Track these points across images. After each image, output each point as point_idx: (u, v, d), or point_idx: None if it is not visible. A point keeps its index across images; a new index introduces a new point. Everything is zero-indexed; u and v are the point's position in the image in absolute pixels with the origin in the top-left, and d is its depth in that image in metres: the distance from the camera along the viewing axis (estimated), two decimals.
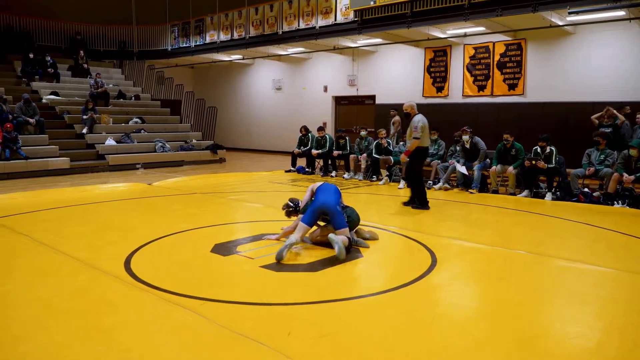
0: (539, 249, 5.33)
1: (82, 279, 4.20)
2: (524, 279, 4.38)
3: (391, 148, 10.82)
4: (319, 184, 5.47)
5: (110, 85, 16.61)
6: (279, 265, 4.57)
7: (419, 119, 7.68)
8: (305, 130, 12.90)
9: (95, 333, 3.15)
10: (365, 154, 11.25)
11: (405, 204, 7.88)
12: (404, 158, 7.85)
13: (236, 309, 3.57)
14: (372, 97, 16.61)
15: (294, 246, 4.87)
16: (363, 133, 11.69)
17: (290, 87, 19.16)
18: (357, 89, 16.92)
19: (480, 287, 4.21)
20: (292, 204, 5.60)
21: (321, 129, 12.48)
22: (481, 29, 12.84)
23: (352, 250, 5.01)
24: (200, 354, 2.91)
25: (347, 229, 5.04)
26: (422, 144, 7.70)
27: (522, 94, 13.13)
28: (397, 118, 13.09)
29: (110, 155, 13.21)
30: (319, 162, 12.64)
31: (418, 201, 7.71)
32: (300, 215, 5.27)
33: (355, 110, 17.43)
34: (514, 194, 9.07)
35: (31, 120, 12.57)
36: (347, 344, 3.04)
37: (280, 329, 3.21)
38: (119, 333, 3.16)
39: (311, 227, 5.09)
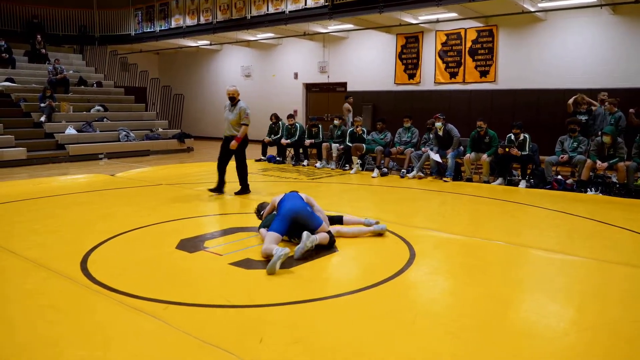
0: (517, 240, 5.19)
1: (31, 282, 3.82)
2: (506, 272, 4.22)
3: (365, 136, 10.59)
4: (282, 195, 5.02)
5: (71, 72, 15.82)
6: (248, 262, 4.29)
7: (247, 105, 7.53)
8: (275, 118, 12.57)
9: (41, 346, 2.81)
10: (337, 143, 11.01)
11: (213, 190, 7.52)
12: (234, 145, 7.30)
13: (203, 312, 3.28)
14: (344, 85, 16.35)
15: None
16: (336, 122, 11.43)
17: (259, 74, 18.71)
18: (328, 76, 16.63)
19: (461, 282, 4.01)
20: (262, 209, 5.31)
21: (291, 116, 12.17)
22: (453, 14, 12.70)
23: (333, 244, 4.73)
24: None
25: (325, 224, 4.77)
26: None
27: (494, 80, 13.09)
28: (345, 105, 13.63)
29: (70, 145, 12.57)
30: (290, 151, 12.34)
31: (243, 186, 7.61)
32: (264, 229, 4.85)
33: (326, 97, 17.15)
34: (488, 182, 8.98)
35: None
36: (322, 349, 2.79)
37: (250, 335, 2.94)
38: (68, 345, 2.82)
39: (283, 235, 4.57)
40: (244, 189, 7.61)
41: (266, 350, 2.77)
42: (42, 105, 13.16)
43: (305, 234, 4.42)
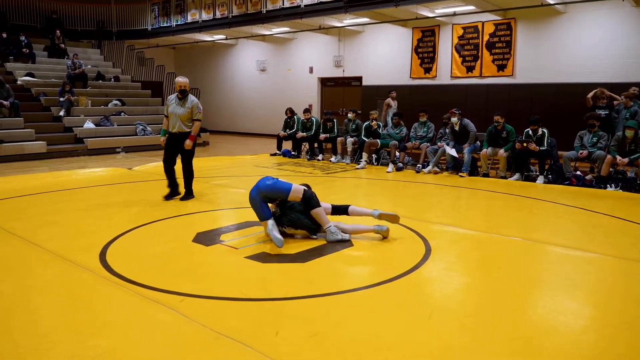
0: (535, 236, 5.14)
1: (52, 273, 3.90)
2: (523, 268, 4.18)
3: (380, 131, 10.55)
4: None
5: (89, 66, 16.02)
6: (264, 255, 4.32)
7: (197, 99, 6.78)
8: (290, 112, 12.57)
9: (63, 335, 2.87)
10: (352, 137, 10.99)
11: (167, 197, 6.75)
12: (189, 144, 6.59)
13: (219, 305, 3.31)
14: (359, 79, 16.29)
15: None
16: (350, 115, 11.39)
17: (274, 69, 18.73)
18: (344, 70, 16.58)
19: (477, 277, 3.99)
20: None
21: (307, 111, 12.16)
22: (470, 7, 12.56)
23: (347, 239, 4.74)
24: (179, 357, 2.65)
25: (295, 187, 4.77)
26: None
27: (512, 74, 12.93)
28: (387, 100, 12.83)
29: (89, 139, 12.74)
30: (305, 145, 12.35)
31: (188, 191, 6.86)
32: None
33: (341, 91, 17.11)
34: (505, 177, 8.89)
35: (5, 103, 12.04)
36: (339, 343, 2.80)
37: (267, 328, 2.96)
38: (91, 334, 2.88)
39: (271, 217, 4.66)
40: (189, 194, 6.83)
41: (283, 344, 2.78)
42: (62, 99, 13.34)
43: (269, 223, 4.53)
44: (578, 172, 8.45)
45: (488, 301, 3.46)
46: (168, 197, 6.76)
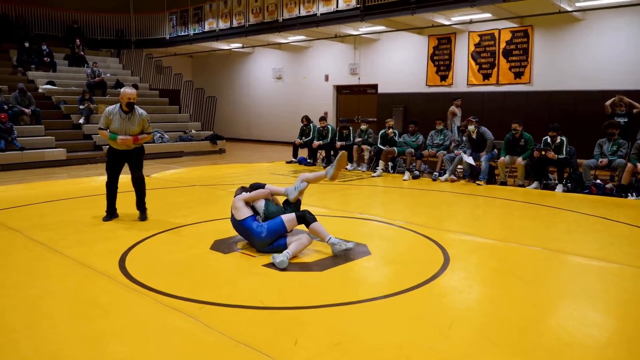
0: (555, 245, 5.07)
1: (74, 280, 3.94)
2: (543, 279, 4.12)
3: (396, 139, 10.53)
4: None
5: (108, 75, 16.26)
6: None
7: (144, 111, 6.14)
8: (306, 120, 12.61)
9: (84, 341, 2.89)
10: (367, 146, 11.00)
11: (141, 219, 5.94)
12: (130, 140, 5.83)
13: (238, 313, 3.31)
14: (375, 87, 16.29)
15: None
16: (363, 127, 11.42)
17: (290, 77, 18.82)
18: (359, 78, 16.59)
19: (497, 288, 3.94)
20: None
21: (323, 119, 12.19)
22: (487, 15, 12.51)
23: (352, 247, 4.60)
24: None
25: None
26: None
27: (529, 82, 12.83)
28: (451, 108, 12.30)
29: (107, 147, 12.86)
30: (321, 153, 12.37)
31: (143, 209, 6.06)
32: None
33: (357, 99, 17.12)
34: (523, 186, 8.80)
35: (26, 111, 12.28)
36: (360, 354, 2.78)
37: (285, 337, 2.95)
38: (110, 341, 2.90)
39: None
40: (144, 212, 6.03)
41: (302, 353, 2.77)
42: (81, 107, 13.55)
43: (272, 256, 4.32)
44: (598, 181, 8.34)
45: (509, 312, 3.41)
46: (107, 218, 5.94)
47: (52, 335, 2.99)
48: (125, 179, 6.07)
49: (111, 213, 6.03)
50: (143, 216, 5.98)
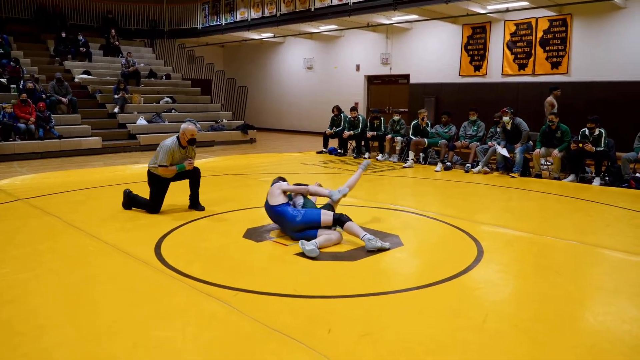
0: (592, 240, 4.95)
1: (112, 265, 4.05)
2: (581, 273, 4.03)
3: (429, 129, 10.41)
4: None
5: (142, 65, 16.52)
6: None
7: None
8: (337, 110, 12.57)
9: (124, 326, 2.98)
10: (399, 137, 10.92)
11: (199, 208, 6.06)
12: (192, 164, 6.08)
13: (271, 301, 3.35)
14: (406, 77, 16.10)
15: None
16: (396, 117, 11.32)
17: (321, 66, 18.77)
18: (391, 68, 16.42)
19: (533, 281, 3.87)
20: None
21: (354, 109, 12.13)
22: (524, 3, 12.19)
23: (388, 247, 4.48)
24: (235, 351, 2.70)
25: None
26: None
27: (566, 72, 12.47)
28: (549, 99, 11.29)
29: (141, 135, 13.16)
30: (352, 143, 12.32)
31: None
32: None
33: (388, 90, 16.97)
34: (558, 179, 8.60)
35: (64, 100, 12.61)
36: (393, 344, 2.78)
37: (319, 325, 2.98)
38: (148, 327, 2.97)
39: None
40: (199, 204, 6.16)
41: (335, 342, 2.79)
42: (116, 96, 13.84)
43: (300, 242, 4.36)
44: (637, 175, 8.08)
45: (545, 306, 3.35)
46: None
47: (94, 319, 3.08)
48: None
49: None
50: (201, 207, 6.03)
